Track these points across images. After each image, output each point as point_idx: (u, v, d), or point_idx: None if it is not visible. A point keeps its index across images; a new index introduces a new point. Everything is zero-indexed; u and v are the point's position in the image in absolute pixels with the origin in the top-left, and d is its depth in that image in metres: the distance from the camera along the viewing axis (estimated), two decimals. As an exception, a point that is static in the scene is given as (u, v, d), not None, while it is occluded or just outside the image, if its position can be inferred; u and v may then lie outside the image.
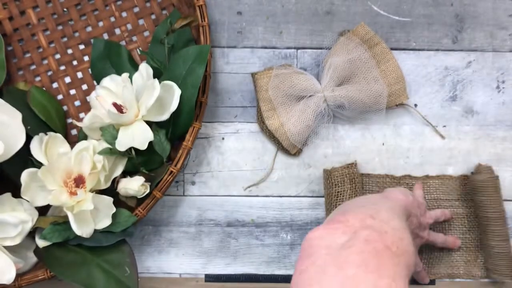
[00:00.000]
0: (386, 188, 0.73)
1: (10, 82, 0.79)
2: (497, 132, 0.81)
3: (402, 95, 0.79)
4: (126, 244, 0.71)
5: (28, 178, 0.67)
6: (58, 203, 0.66)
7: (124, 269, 0.69)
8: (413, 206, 0.67)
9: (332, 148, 0.80)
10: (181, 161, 0.72)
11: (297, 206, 0.80)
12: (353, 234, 0.51)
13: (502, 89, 0.81)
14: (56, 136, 0.70)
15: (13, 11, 0.79)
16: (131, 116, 0.69)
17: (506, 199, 0.80)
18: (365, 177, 0.79)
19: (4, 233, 0.66)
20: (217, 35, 0.81)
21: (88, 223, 0.68)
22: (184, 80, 0.71)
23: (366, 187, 0.79)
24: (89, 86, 0.80)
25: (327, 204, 0.78)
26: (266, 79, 0.78)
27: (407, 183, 0.80)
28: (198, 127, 0.73)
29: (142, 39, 0.80)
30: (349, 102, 0.76)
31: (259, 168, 0.80)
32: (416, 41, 0.81)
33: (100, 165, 0.68)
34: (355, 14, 0.81)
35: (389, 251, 0.49)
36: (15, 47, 0.79)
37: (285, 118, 0.77)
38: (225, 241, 0.80)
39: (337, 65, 0.76)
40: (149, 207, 0.72)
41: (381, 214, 0.55)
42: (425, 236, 0.72)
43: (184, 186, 0.80)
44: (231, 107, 0.80)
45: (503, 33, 0.81)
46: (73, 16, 0.80)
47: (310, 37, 0.81)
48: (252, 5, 0.81)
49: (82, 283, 0.67)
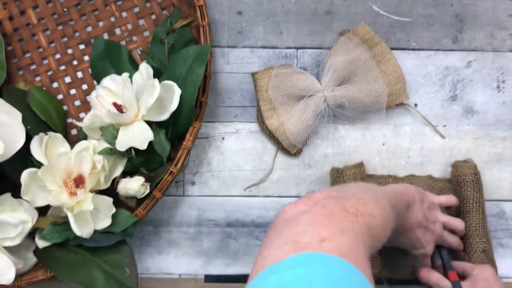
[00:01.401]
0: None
1: (10, 82, 0.79)
2: (497, 132, 0.81)
3: (402, 95, 0.79)
4: (126, 245, 0.71)
5: (28, 178, 0.67)
6: (58, 203, 0.66)
7: (124, 270, 0.69)
8: (414, 193, 0.66)
9: (332, 148, 0.80)
10: (181, 161, 0.72)
11: (297, 206, 0.80)
12: (313, 204, 0.51)
13: (502, 89, 0.81)
14: (56, 136, 0.70)
15: (13, 11, 0.79)
16: (131, 116, 0.69)
17: (506, 199, 0.80)
18: (368, 177, 0.79)
19: (4, 233, 0.66)
20: (217, 35, 0.81)
21: (88, 224, 0.68)
22: (184, 80, 0.71)
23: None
24: (89, 86, 0.80)
25: None
26: (266, 79, 0.78)
27: (411, 183, 0.79)
28: (198, 127, 0.73)
29: (142, 39, 0.80)
30: (349, 102, 0.76)
31: (259, 168, 0.80)
32: (416, 41, 0.81)
33: (100, 165, 0.68)
34: (355, 14, 0.81)
35: (345, 212, 0.49)
36: (15, 47, 0.79)
37: (285, 118, 0.77)
38: (225, 242, 0.80)
39: (337, 65, 0.76)
40: (149, 208, 0.72)
41: (359, 194, 0.54)
42: (436, 230, 0.70)
43: (184, 186, 0.80)
44: (231, 107, 0.80)
45: (503, 33, 0.81)
46: (73, 16, 0.80)
47: (310, 37, 0.81)
48: (252, 5, 0.81)
49: (82, 284, 0.67)
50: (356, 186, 0.58)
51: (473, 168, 0.77)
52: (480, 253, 0.75)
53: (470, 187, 0.76)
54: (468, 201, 0.76)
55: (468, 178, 0.76)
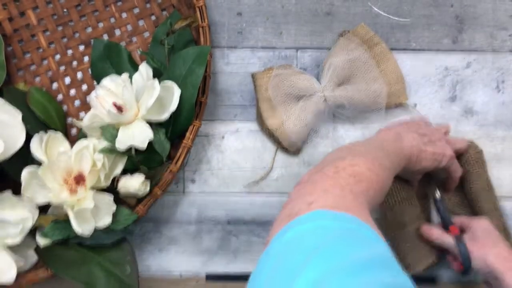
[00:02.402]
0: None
1: (10, 82, 0.79)
2: (497, 132, 0.81)
3: (402, 95, 0.79)
4: (126, 242, 0.71)
5: (28, 176, 0.67)
6: (58, 201, 0.66)
7: (125, 268, 0.69)
8: (396, 125, 0.72)
9: (332, 147, 0.80)
10: (181, 159, 0.72)
11: (297, 206, 0.80)
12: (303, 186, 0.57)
13: (502, 89, 0.81)
14: (56, 134, 0.70)
15: (13, 12, 0.80)
16: (131, 116, 0.69)
17: (506, 198, 0.80)
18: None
19: (5, 231, 0.66)
20: (217, 35, 0.81)
21: (89, 221, 0.68)
22: (184, 80, 0.72)
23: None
24: (89, 86, 0.80)
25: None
26: (266, 79, 0.78)
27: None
28: (198, 126, 0.73)
29: (142, 40, 0.81)
30: (349, 102, 0.76)
31: (259, 166, 0.80)
32: (416, 42, 0.81)
33: (100, 163, 0.68)
34: (355, 15, 0.81)
35: (325, 176, 0.55)
36: (15, 47, 0.80)
37: (284, 117, 0.77)
38: (225, 239, 0.80)
39: (337, 66, 0.76)
40: (149, 205, 0.72)
41: (336, 156, 0.60)
42: (444, 144, 0.72)
43: (184, 184, 0.80)
44: (231, 107, 0.80)
45: (503, 34, 0.81)
46: (73, 17, 0.80)
47: (310, 37, 0.81)
48: (252, 5, 0.81)
49: (82, 282, 0.67)
50: (334, 153, 0.63)
51: (475, 147, 0.78)
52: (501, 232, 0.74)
53: (476, 166, 0.77)
54: (476, 180, 0.77)
55: (473, 157, 0.77)
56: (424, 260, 0.75)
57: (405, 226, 0.76)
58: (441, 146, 0.71)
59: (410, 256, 0.76)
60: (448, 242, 0.73)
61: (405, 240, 0.76)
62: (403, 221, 0.76)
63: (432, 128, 0.75)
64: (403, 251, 0.76)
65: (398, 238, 0.76)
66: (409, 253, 0.76)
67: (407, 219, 0.76)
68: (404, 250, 0.76)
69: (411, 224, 0.76)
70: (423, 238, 0.76)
